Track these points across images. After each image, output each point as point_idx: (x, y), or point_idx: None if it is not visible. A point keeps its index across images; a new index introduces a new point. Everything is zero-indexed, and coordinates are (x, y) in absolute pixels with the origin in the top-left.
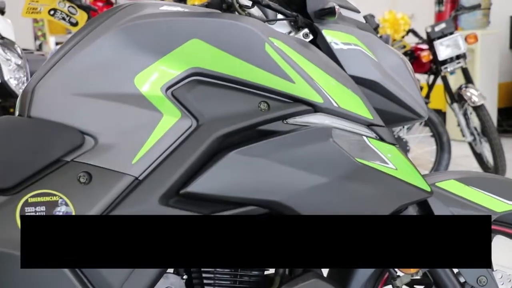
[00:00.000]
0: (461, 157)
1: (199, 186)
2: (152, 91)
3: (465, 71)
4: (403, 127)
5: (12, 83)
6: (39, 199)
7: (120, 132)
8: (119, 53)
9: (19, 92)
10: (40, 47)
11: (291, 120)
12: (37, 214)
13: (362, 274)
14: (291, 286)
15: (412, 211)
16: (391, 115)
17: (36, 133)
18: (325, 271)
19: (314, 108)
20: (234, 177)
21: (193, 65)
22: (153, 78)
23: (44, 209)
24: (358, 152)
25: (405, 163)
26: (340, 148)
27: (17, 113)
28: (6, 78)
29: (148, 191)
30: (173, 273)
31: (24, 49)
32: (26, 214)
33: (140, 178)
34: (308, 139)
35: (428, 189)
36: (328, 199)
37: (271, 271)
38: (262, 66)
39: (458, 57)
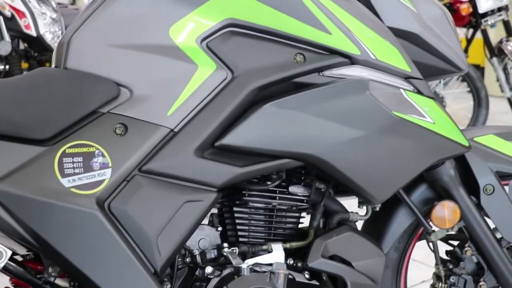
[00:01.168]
0: (500, 113)
1: (234, 138)
2: (187, 43)
3: (506, 24)
4: (440, 82)
5: (48, 37)
6: (76, 150)
7: (155, 84)
8: (154, 4)
9: (54, 46)
10: (74, 2)
11: (327, 72)
12: (75, 164)
13: (397, 228)
14: (326, 239)
15: (449, 166)
16: (430, 67)
17: (72, 85)
18: (359, 225)
19: (351, 60)
20: (269, 130)
21: (229, 16)
22: (188, 29)
23: (82, 160)
24: (395, 105)
25: (443, 117)
26: (376, 101)
27: (53, 65)
28: (41, 32)
29: (183, 143)
30: (208, 225)
31: (58, 3)
32: (64, 164)
33: (175, 130)
34: (344, 91)
35: (466, 144)
36: (363, 153)
37: (306, 224)
38: (298, 17)
39: (499, 9)
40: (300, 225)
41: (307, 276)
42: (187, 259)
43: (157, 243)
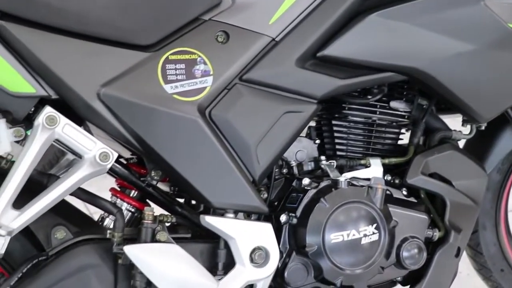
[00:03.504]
0: None
1: (336, 49)
2: None
3: None
4: None
5: None
6: (179, 56)
7: None
8: None
9: None
10: None
11: None
12: (177, 71)
13: (501, 149)
14: (426, 156)
15: None
16: None
17: None
18: (461, 144)
19: None
20: (373, 41)
21: None
22: None
23: (184, 67)
24: (511, 17)
25: None
26: (491, 12)
27: None
28: None
29: (285, 52)
30: (306, 137)
31: None
32: (167, 70)
33: (277, 39)
34: (456, 2)
35: None
36: (472, 68)
37: (405, 141)
38: None
39: None
40: (399, 142)
41: (404, 193)
42: (284, 170)
43: (256, 152)
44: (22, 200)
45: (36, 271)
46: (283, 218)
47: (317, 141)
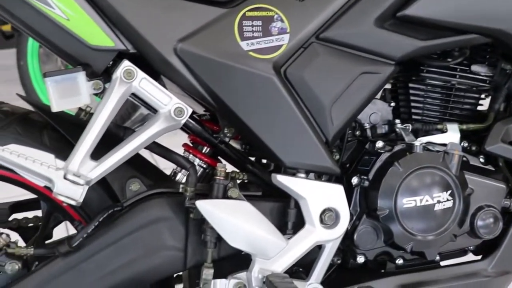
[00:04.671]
0: None
1: (418, 8)
2: None
3: None
4: None
5: None
6: (256, 13)
7: None
8: None
9: None
10: None
11: None
12: (254, 28)
13: None
14: (507, 123)
15: None
16: None
17: None
18: None
19: None
20: (457, 1)
21: None
22: None
23: (261, 24)
24: None
25: None
26: None
27: None
28: None
29: (363, 12)
30: (380, 99)
31: None
32: (244, 27)
33: None
34: None
35: None
36: None
37: (484, 107)
38: None
39: None
40: (478, 107)
41: (482, 160)
42: (357, 132)
43: (330, 113)
44: (99, 151)
45: (111, 221)
46: (354, 180)
47: (392, 104)
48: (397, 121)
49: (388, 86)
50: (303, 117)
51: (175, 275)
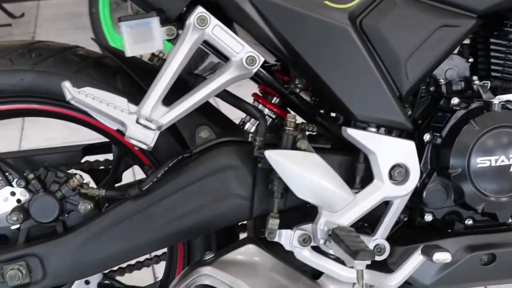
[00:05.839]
0: None
1: None
2: None
3: None
4: None
5: None
6: None
7: None
8: None
9: None
10: None
11: None
12: None
13: None
14: None
15: None
16: None
17: None
18: None
19: None
20: None
21: None
22: None
23: None
24: None
25: None
26: None
27: None
28: None
29: None
30: (458, 54)
31: None
32: None
33: None
34: None
35: None
36: None
37: None
38: None
39: None
40: None
41: None
42: (431, 88)
43: (406, 66)
44: (171, 97)
45: (180, 166)
46: (427, 137)
47: (470, 60)
48: (475, 77)
49: (466, 41)
50: (377, 70)
51: (239, 224)
